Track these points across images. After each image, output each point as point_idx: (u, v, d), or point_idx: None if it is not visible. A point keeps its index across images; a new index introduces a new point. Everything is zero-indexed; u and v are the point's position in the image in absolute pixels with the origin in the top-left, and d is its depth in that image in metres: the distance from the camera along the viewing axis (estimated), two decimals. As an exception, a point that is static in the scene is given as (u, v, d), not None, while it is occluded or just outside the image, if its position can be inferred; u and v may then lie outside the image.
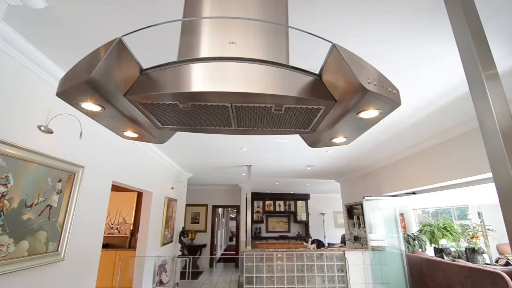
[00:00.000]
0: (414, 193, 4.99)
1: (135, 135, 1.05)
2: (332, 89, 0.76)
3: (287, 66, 0.78)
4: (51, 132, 2.05)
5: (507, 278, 3.37)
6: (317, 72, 0.81)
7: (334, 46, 0.74)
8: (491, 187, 4.12)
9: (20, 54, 1.82)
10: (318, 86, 0.77)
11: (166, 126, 0.98)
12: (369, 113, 0.77)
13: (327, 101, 0.76)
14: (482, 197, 6.30)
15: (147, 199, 4.46)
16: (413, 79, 2.34)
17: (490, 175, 3.25)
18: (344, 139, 1.00)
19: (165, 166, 5.23)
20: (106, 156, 2.99)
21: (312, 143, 1.12)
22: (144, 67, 0.84)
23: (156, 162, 4.72)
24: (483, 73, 1.24)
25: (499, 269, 3.60)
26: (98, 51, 0.74)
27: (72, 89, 0.74)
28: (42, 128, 1.99)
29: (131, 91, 0.79)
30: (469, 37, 1.13)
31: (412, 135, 3.86)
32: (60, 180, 2.21)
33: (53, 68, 2.07)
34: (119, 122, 0.97)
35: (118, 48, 0.74)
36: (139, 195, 5.85)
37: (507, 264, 4.38)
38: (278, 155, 5.04)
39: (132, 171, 3.70)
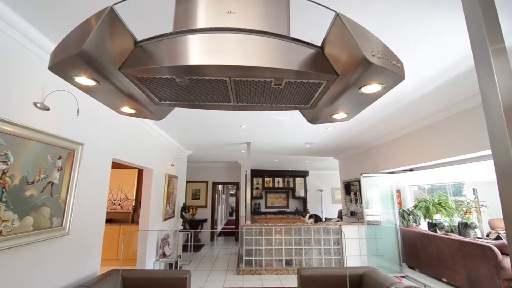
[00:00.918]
0: (411, 170, 5.05)
1: (132, 111, 1.03)
2: (334, 62, 0.73)
3: (288, 38, 0.75)
4: (48, 109, 2.02)
5: (497, 251, 3.52)
6: (319, 44, 0.78)
7: (337, 15, 0.70)
8: (487, 164, 4.19)
9: (10, 28, 1.74)
10: (320, 59, 0.74)
11: (163, 102, 0.96)
12: (372, 88, 0.75)
13: (328, 75, 0.73)
14: (478, 174, 6.40)
15: (147, 176, 4.51)
16: (417, 54, 2.28)
17: (487, 152, 3.29)
18: (345, 115, 0.99)
19: (164, 144, 5.24)
20: (105, 134, 2.97)
21: (312, 120, 1.10)
22: (139, 39, 0.80)
23: (155, 140, 4.72)
24: (490, 48, 1.20)
25: (489, 242, 3.74)
26: (89, 21, 0.70)
27: (65, 62, 0.71)
28: (38, 105, 1.96)
29: (125, 64, 0.76)
30: (479, 9, 1.08)
31: (412, 112, 3.83)
32: (60, 157, 2.21)
33: (45, 42, 1.99)
34: (116, 97, 0.94)
35: (110, 18, 0.70)
36: (140, 172, 5.92)
37: (497, 238, 4.54)
38: (278, 133, 5.03)
39: (132, 149, 3.71)
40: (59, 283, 2.19)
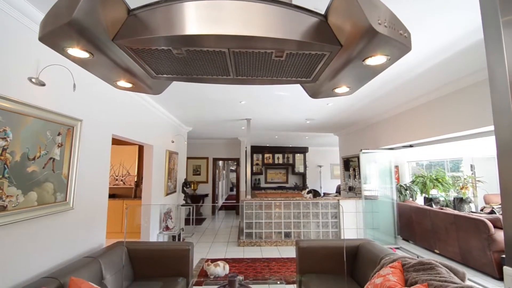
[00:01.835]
0: (411, 146, 5.07)
1: (129, 85, 1.01)
2: (338, 32, 0.69)
3: (289, 5, 0.71)
4: (43, 85, 1.97)
5: (490, 224, 3.63)
6: (322, 12, 0.73)
7: (343, -20, 0.65)
8: (486, 141, 4.19)
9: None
10: (323, 28, 0.71)
11: (160, 75, 0.93)
12: (376, 60, 0.72)
13: (332, 45, 0.70)
14: (476, 151, 6.44)
15: (148, 152, 4.54)
16: (425, 26, 2.18)
17: (486, 129, 3.29)
18: (347, 89, 0.96)
19: (164, 120, 5.21)
20: (104, 110, 2.94)
21: (314, 94, 1.08)
22: (132, 6, 0.76)
23: (155, 116, 4.69)
24: (501, 19, 1.15)
25: (483, 216, 3.85)
26: (77, -14, 0.65)
27: (55, 32, 0.68)
28: (33, 80, 1.91)
29: (119, 35, 0.73)
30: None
31: (413, 88, 3.77)
32: (59, 134, 2.20)
33: (36, 14, 1.90)
34: (111, 71, 0.91)
35: (100, -17, 0.66)
36: (140, 148, 5.95)
37: (491, 212, 4.66)
38: (278, 108, 4.98)
39: (132, 125, 3.69)
40: (67, 254, 2.28)
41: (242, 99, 4.35)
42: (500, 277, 3.47)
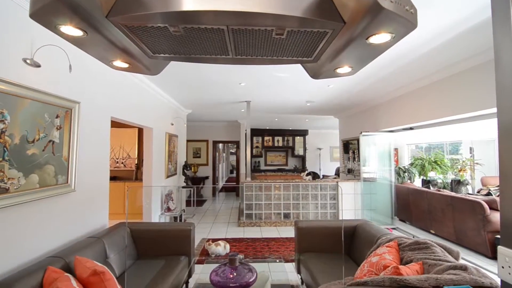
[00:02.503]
0: (411, 128, 5.06)
1: (126, 65, 0.98)
2: (341, 8, 0.66)
3: (291, -20, 0.67)
4: (39, 66, 1.93)
5: (485, 205, 3.69)
6: (325, -13, 0.70)
7: (348, -49, 0.62)
8: (486, 124, 4.17)
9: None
10: (326, 4, 0.67)
11: (158, 55, 0.91)
12: (380, 38, 0.69)
13: (335, 22, 0.67)
14: (476, 133, 6.43)
15: (148, 135, 4.53)
16: (431, 2, 2.11)
17: (487, 111, 3.27)
18: (349, 69, 0.94)
19: (163, 102, 5.16)
20: (103, 92, 2.90)
21: (315, 74, 1.05)
22: (125, -19, 0.72)
23: (154, 98, 4.63)
24: (511, -6, 1.10)
25: (480, 198, 3.91)
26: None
27: (46, 8, 0.65)
28: (28, 61, 1.87)
29: (113, 11, 0.70)
30: None
31: (415, 70, 3.70)
32: (57, 116, 2.19)
33: (25, -11, 1.83)
34: (107, 50, 0.89)
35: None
36: (140, 131, 5.94)
37: (488, 194, 4.73)
38: (278, 90, 4.91)
39: (131, 108, 3.66)
40: (71, 235, 2.33)
41: (241, 81, 4.28)
42: (492, 256, 3.58)
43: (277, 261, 3.32)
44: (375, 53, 0.80)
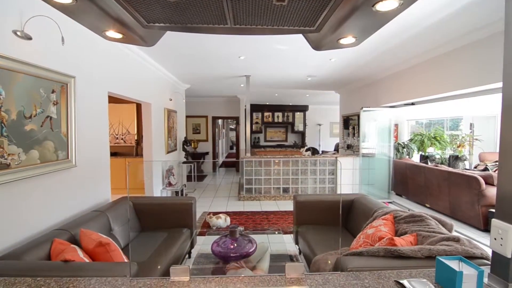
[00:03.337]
0: (412, 104, 5.00)
1: (119, 36, 0.94)
2: (347, -29, 0.62)
3: None
4: (30, 38, 1.85)
5: (481, 180, 3.75)
6: None
7: None
8: (488, 99, 4.12)
9: None
10: (330, -33, 0.63)
11: (152, 24, 0.86)
12: (387, 4, 0.65)
13: (339, -12, 0.63)
14: (477, 109, 6.38)
15: (146, 110, 4.48)
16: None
17: (490, 86, 3.23)
18: (353, 40, 0.90)
19: (161, 77, 5.04)
20: (98, 67, 2.82)
21: (317, 45, 1.01)
22: None
23: (151, 73, 4.52)
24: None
25: (476, 173, 3.96)
26: None
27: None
28: (18, 33, 1.79)
29: (102, -25, 0.65)
30: None
31: (420, 43, 3.59)
32: (53, 91, 2.14)
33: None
34: (99, 19, 0.84)
35: None
36: (138, 106, 5.86)
37: (485, 169, 4.79)
38: (278, 64, 4.78)
39: (128, 82, 3.58)
40: (75, 209, 2.39)
41: (241, 54, 4.15)
42: (484, 229, 3.70)
43: (276, 233, 3.43)
44: (381, 22, 0.76)
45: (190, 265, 1.06)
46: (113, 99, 4.04)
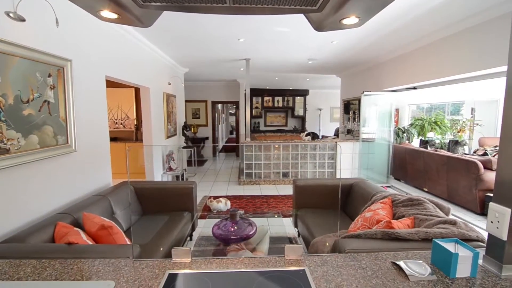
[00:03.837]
0: (414, 88, 4.94)
1: (115, 16, 0.91)
2: None
3: None
4: (23, 20, 1.80)
5: (480, 165, 3.77)
6: None
7: None
8: (490, 84, 4.06)
9: None
10: None
11: (148, 3, 0.83)
12: (393, -18, 0.63)
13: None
14: (479, 93, 6.31)
15: (145, 95, 4.44)
16: None
17: (493, 70, 3.19)
18: (357, 20, 0.87)
19: (159, 61, 4.95)
20: (95, 50, 2.76)
21: (319, 26, 0.98)
22: None
23: (149, 56, 4.43)
24: None
25: (475, 158, 3.98)
26: None
27: None
28: (11, 14, 1.73)
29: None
30: None
31: (423, 25, 3.50)
32: (50, 75, 2.11)
33: None
34: (92, -2, 0.81)
35: None
36: (137, 91, 5.80)
37: (484, 154, 4.80)
38: (279, 47, 4.68)
39: (126, 66, 3.51)
40: (76, 194, 2.41)
41: (240, 36, 4.06)
42: (480, 213, 3.76)
43: (276, 216, 3.49)
44: (385, 1, 0.73)
45: (191, 247, 1.09)
46: (111, 84, 3.98)
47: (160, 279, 0.93)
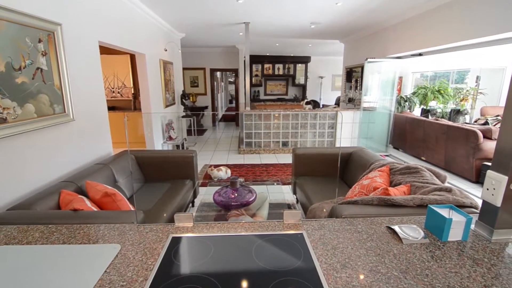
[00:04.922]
0: (420, 54, 4.76)
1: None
2: None
3: None
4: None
5: (480, 134, 3.76)
6: None
7: None
8: (498, 51, 3.89)
9: None
10: None
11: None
12: None
13: None
14: (486, 61, 6.11)
15: (141, 62, 4.29)
16: None
17: (503, 36, 3.05)
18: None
19: (154, 25, 4.71)
20: (86, 14, 2.60)
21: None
22: None
23: (144, 21, 4.20)
24: None
25: (476, 127, 3.96)
26: None
27: None
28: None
29: None
30: None
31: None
32: (40, 40, 2.01)
33: None
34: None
35: None
36: (132, 58, 5.60)
37: (485, 124, 4.78)
38: (280, 9, 4.42)
39: (119, 31, 3.34)
40: (77, 163, 2.44)
41: (239, -2, 3.81)
42: (476, 181, 3.85)
43: (275, 184, 3.57)
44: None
45: (193, 213, 1.12)
46: (105, 50, 3.83)
47: (164, 242, 0.97)
